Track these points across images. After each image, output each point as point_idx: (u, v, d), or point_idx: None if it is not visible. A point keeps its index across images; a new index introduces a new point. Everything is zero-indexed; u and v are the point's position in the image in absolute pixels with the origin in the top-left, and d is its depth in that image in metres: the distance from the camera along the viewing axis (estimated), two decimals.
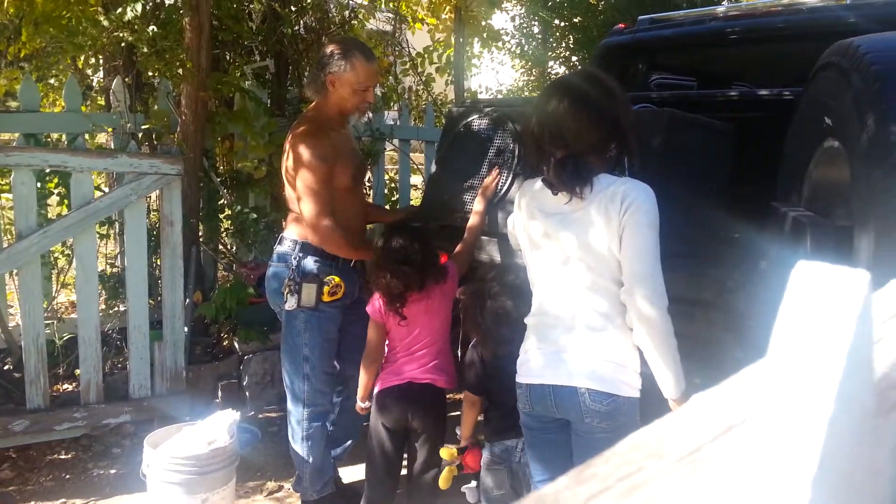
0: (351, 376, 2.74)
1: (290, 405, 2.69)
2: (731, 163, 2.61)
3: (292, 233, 2.61)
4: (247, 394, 3.61)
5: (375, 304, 2.43)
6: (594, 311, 1.77)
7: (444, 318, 2.47)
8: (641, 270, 1.70)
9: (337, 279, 2.56)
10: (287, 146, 2.56)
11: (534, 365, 1.86)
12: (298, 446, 2.67)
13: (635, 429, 1.38)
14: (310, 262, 2.56)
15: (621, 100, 1.85)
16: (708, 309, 2.32)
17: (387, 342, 2.50)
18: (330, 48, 2.56)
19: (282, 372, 2.73)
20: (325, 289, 2.55)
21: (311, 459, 2.67)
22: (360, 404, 2.55)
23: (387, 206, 4.45)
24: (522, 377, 1.90)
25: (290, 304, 2.53)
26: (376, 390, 2.47)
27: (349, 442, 2.89)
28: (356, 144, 2.95)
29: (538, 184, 1.87)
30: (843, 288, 0.31)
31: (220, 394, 3.57)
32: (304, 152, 2.45)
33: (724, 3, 7.46)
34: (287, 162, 2.55)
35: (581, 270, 1.78)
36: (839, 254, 1.77)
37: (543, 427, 1.91)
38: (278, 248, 2.65)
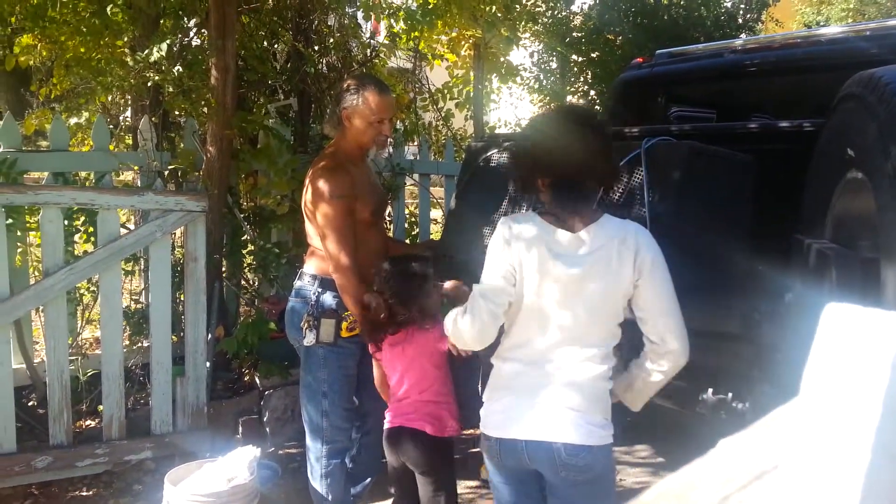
0: (370, 412, 2.72)
1: (308, 441, 2.67)
2: (752, 194, 2.59)
3: (311, 268, 2.62)
4: (267, 429, 3.60)
5: None
6: (579, 360, 1.73)
7: (430, 368, 2.35)
8: (677, 318, 1.74)
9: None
10: (307, 182, 2.58)
11: (505, 418, 1.77)
12: (318, 484, 2.65)
13: (611, 475, 1.38)
14: (328, 298, 2.56)
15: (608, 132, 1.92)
16: (734, 342, 2.28)
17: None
18: (345, 84, 2.60)
19: (301, 408, 2.72)
20: (344, 324, 2.54)
21: (330, 497, 2.64)
22: None
23: (407, 240, 4.47)
24: (492, 430, 1.80)
25: (309, 339, 2.53)
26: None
27: (368, 479, 2.85)
28: (376, 179, 2.96)
29: (538, 222, 1.79)
30: (876, 332, 0.30)
31: (240, 430, 3.56)
32: (324, 188, 2.47)
33: (741, 36, 7.49)
34: (306, 197, 2.57)
35: (578, 315, 1.73)
36: (865, 286, 1.73)
37: (511, 478, 1.84)
38: (297, 284, 2.66)
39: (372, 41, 4.74)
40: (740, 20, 8.02)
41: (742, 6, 8.09)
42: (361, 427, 2.80)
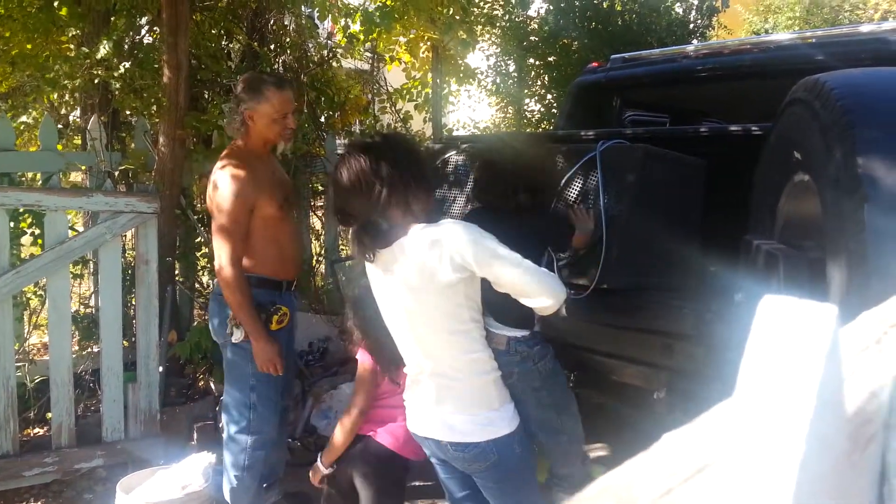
0: (289, 406, 2.71)
1: (231, 433, 2.62)
2: (704, 197, 2.65)
3: None
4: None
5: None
6: (445, 364, 1.82)
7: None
8: (529, 283, 1.72)
9: (284, 308, 2.55)
10: (211, 179, 2.56)
11: (413, 417, 1.95)
12: (234, 476, 2.61)
13: (520, 461, 1.63)
14: (255, 293, 2.53)
15: None
16: (687, 342, 2.32)
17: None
18: (241, 84, 2.60)
19: (223, 406, 2.68)
20: (274, 318, 2.53)
21: (249, 490, 2.62)
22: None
23: None
24: (411, 427, 1.97)
25: (237, 336, 2.51)
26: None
27: (275, 478, 2.83)
28: (283, 171, 2.93)
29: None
30: (811, 324, 0.31)
31: (195, 436, 3.49)
32: (222, 187, 2.46)
33: (693, 41, 7.66)
34: (210, 195, 2.56)
35: (420, 321, 1.81)
36: (812, 285, 1.79)
37: (441, 463, 1.99)
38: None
39: (328, 42, 4.71)
40: (691, 26, 8.19)
41: (693, 12, 8.26)
42: (281, 423, 2.79)
